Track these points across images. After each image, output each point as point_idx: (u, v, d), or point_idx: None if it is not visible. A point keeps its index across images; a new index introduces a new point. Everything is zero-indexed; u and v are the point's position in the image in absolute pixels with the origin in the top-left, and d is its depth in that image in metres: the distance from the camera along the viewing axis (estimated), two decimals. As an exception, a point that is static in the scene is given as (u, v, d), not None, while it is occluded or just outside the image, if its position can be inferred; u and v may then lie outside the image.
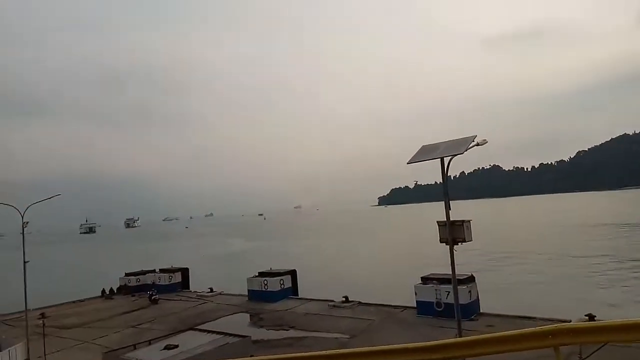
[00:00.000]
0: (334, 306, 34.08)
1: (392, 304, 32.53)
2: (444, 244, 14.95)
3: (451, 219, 14.57)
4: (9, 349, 25.58)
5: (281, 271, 40.34)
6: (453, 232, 14.67)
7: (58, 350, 28.44)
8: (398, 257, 73.07)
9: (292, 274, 40.33)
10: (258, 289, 38.93)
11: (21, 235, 29.65)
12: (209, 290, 44.56)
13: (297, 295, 39.22)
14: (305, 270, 46.48)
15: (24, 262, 27.98)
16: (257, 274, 40.56)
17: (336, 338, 25.88)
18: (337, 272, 60.39)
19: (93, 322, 36.27)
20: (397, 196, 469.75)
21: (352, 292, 36.56)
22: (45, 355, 25.63)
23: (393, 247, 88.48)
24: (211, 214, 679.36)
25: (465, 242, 14.83)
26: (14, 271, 32.61)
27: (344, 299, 34.93)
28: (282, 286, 38.62)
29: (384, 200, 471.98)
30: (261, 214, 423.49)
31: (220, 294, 43.59)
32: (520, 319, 26.09)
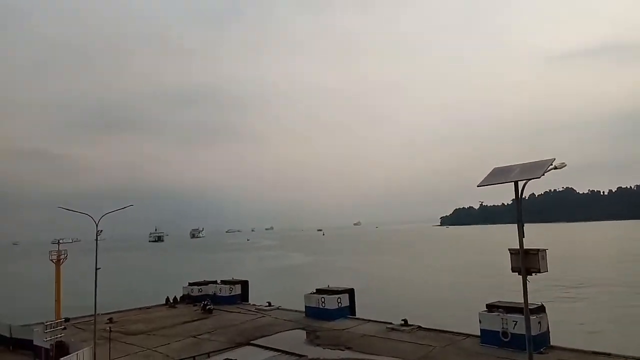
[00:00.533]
0: (393, 329, 33.03)
1: (454, 331, 31.04)
2: (516, 273, 13.94)
3: (524, 247, 13.58)
4: (77, 352, 26.85)
5: (339, 289, 39.80)
6: (527, 262, 13.65)
7: (122, 356, 29.49)
8: (460, 281, 70.21)
9: (350, 292, 39.66)
10: (315, 305, 38.59)
11: (95, 241, 31.35)
12: (267, 304, 44.80)
13: (355, 315, 38.44)
14: (363, 289, 45.71)
15: (96, 269, 29.46)
16: (314, 291, 40.25)
17: (394, 363, 24.94)
18: (396, 293, 58.93)
19: (157, 330, 37.43)
20: (461, 217, 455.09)
21: (411, 315, 35.36)
22: (110, 359, 26.63)
23: (455, 271, 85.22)
24: (271, 228, 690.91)
25: (539, 272, 13.75)
26: (85, 276, 34.50)
27: (402, 322, 33.79)
28: (340, 305, 38.03)
29: (447, 220, 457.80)
30: (320, 230, 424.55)
31: (277, 308, 43.68)
32: (594, 354, 23.92)
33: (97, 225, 32.49)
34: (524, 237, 13.37)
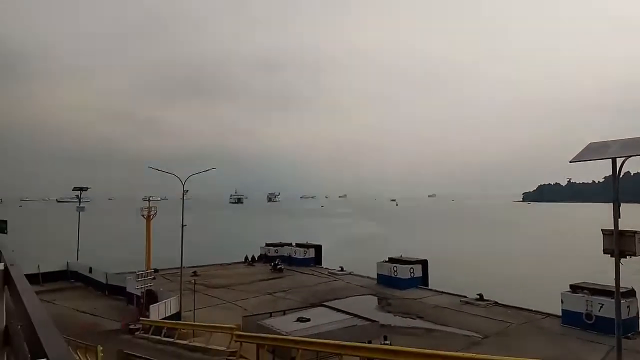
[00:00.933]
0: (467, 302, 32.46)
1: (533, 309, 29.91)
2: (608, 255, 13.00)
3: (619, 228, 12.57)
4: (165, 300, 29.17)
5: (412, 259, 39.64)
6: (621, 244, 12.66)
7: (205, 307, 31.62)
8: (542, 260, 66.89)
9: (423, 263, 39.37)
10: (387, 274, 38.78)
11: (181, 200, 33.38)
12: (340, 268, 45.71)
13: (427, 286, 38.25)
14: (436, 261, 45.01)
15: (182, 226, 31.48)
16: (387, 259, 40.43)
17: (467, 336, 24.59)
18: (471, 268, 57.44)
19: (236, 285, 39.67)
20: (545, 193, 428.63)
21: (487, 291, 34.37)
22: (194, 309, 28.67)
23: (537, 248, 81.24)
24: (345, 196, 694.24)
25: (635, 256, 12.72)
26: (172, 232, 36.92)
27: (478, 296, 33.08)
28: (412, 275, 37.93)
29: (529, 197, 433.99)
30: (393, 200, 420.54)
31: (350, 273, 44.47)
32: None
33: (183, 185, 34.53)
34: (619, 217, 12.37)
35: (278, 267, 47.02)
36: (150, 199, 53.40)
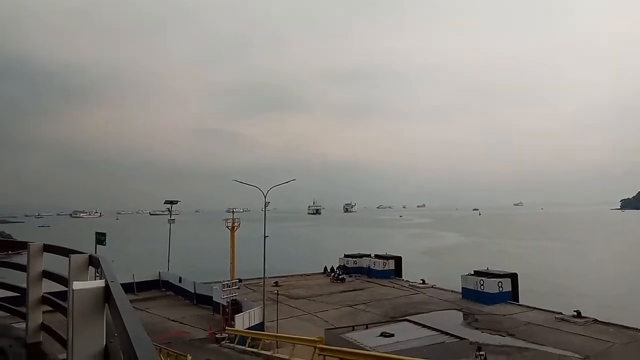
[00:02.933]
0: (563, 319, 30.04)
1: (638, 328, 27.05)
2: None
3: None
4: (249, 310, 29.85)
5: (500, 272, 37.58)
6: None
7: (287, 318, 31.97)
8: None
9: (512, 277, 37.10)
10: (473, 288, 37.00)
11: (262, 212, 34.21)
12: (421, 281, 44.43)
13: (517, 301, 35.98)
14: (527, 275, 42.34)
15: (264, 237, 32.20)
16: (472, 272, 38.70)
17: (565, 356, 22.65)
18: (565, 282, 53.35)
19: (316, 296, 39.83)
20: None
21: (584, 307, 31.68)
22: (277, 320, 29.06)
23: (638, 261, 73.79)
24: (423, 205, 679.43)
25: None
26: (254, 243, 37.94)
27: (575, 313, 30.52)
28: (501, 289, 35.85)
29: (629, 204, 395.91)
30: (476, 209, 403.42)
31: (432, 286, 43.05)
32: None
33: (265, 197, 35.37)
34: None
35: (339, 277, 46.98)
36: (234, 210, 55.65)
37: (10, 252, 59.80)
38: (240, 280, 41.66)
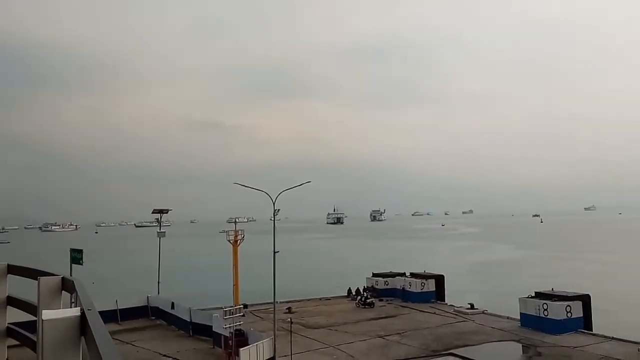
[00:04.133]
0: (649, 353, 29.53)
1: None
2: None
3: None
4: (257, 342, 30.00)
5: (568, 294, 37.13)
6: None
7: (303, 352, 32.05)
8: None
9: (584, 300, 36.61)
10: (534, 313, 36.61)
11: (271, 221, 34.42)
12: (469, 306, 44.07)
13: (590, 330, 35.51)
14: (601, 297, 41.72)
15: (274, 252, 32.37)
16: (533, 294, 38.31)
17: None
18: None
19: (339, 325, 39.82)
20: None
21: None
22: (291, 354, 29.15)
23: None
24: (470, 211, 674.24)
25: None
26: (260, 259, 38.10)
27: (664, 345, 29.97)
28: (569, 314, 35.40)
29: None
30: (537, 215, 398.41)
31: (483, 312, 42.72)
32: None
33: (274, 204, 35.57)
34: None
35: (367, 301, 46.88)
36: (237, 220, 56.09)
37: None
38: (245, 306, 41.93)
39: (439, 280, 50.32)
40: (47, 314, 2.47)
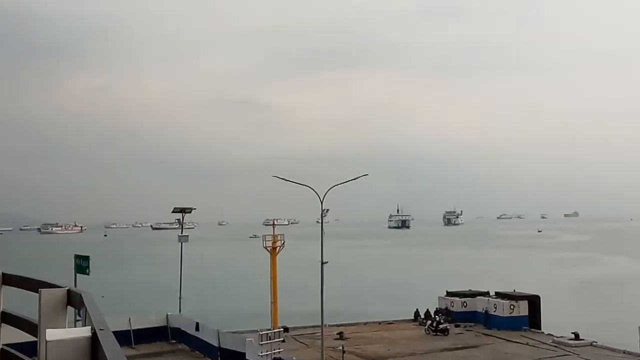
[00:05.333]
0: None
1: None
2: None
3: None
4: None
5: None
6: None
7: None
8: None
9: None
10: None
11: (318, 224, 34.61)
12: (573, 336, 43.21)
13: None
14: None
15: (322, 263, 32.52)
16: (658, 323, 37.25)
17: None
18: None
19: (403, 356, 39.69)
20: None
21: None
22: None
23: None
24: (574, 214, 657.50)
25: None
26: (304, 271, 38.19)
27: None
28: None
29: None
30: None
31: (591, 344, 41.82)
32: None
33: (322, 202, 35.76)
34: None
35: (441, 326, 46.29)
36: (276, 223, 56.53)
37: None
38: (286, 330, 42.25)
39: (533, 302, 49.42)
40: (52, 334, 2.45)
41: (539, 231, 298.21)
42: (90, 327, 2.57)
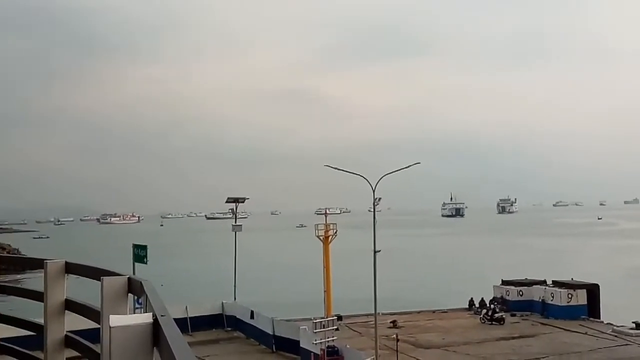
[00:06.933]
0: None
1: None
2: None
3: None
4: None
5: None
6: None
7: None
8: None
9: None
10: None
11: (370, 213, 34.56)
12: (634, 325, 42.38)
13: None
14: None
15: (374, 252, 32.54)
16: None
17: None
18: None
19: (458, 345, 39.46)
20: None
21: None
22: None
23: None
24: (635, 200, 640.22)
25: None
26: (355, 260, 38.16)
27: None
28: None
29: None
30: None
31: (652, 334, 40.94)
32: None
33: (374, 191, 35.74)
34: None
35: (496, 315, 45.85)
36: (328, 212, 56.68)
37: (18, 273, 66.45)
38: (339, 318, 42.40)
39: (592, 291, 48.65)
40: (115, 320, 2.51)
41: (598, 218, 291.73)
42: (151, 313, 2.61)
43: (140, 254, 37.91)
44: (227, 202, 56.11)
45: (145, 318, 2.55)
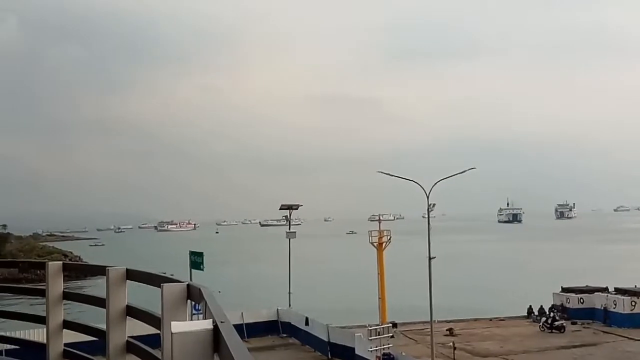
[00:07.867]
0: None
1: None
2: None
3: None
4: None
5: None
6: None
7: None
8: None
9: None
10: None
11: (424, 219, 34.33)
12: None
13: None
14: None
15: (429, 258, 32.29)
16: None
17: None
18: None
19: (517, 354, 38.86)
20: None
21: None
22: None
23: None
24: None
25: None
26: (408, 266, 37.86)
27: None
28: None
29: None
30: None
31: None
32: None
33: (428, 197, 35.48)
34: None
35: (556, 323, 44.97)
36: (381, 218, 56.51)
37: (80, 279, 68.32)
38: (394, 325, 42.21)
39: (657, 298, 47.41)
40: (177, 326, 2.55)
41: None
42: (211, 319, 2.64)
43: (196, 260, 38.55)
44: (280, 208, 56.61)
45: (206, 324, 2.58)
